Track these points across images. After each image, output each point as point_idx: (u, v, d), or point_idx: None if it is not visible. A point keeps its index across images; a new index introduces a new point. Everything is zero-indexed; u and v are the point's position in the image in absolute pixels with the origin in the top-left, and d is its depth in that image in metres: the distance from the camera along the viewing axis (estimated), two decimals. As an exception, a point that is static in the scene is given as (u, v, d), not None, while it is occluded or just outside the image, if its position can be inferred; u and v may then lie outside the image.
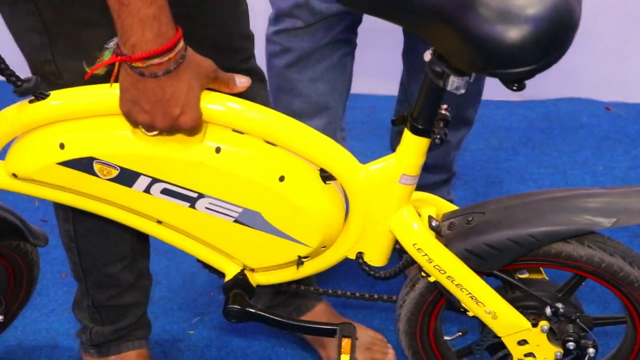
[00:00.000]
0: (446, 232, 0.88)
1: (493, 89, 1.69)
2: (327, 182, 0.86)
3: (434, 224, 0.88)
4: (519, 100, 1.93)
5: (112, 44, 0.72)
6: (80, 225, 1.00)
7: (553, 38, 0.70)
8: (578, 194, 0.88)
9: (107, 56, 0.72)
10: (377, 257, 0.91)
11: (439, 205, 0.93)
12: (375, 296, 1.00)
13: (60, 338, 1.24)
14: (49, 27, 0.81)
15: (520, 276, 0.95)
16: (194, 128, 0.76)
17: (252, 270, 0.94)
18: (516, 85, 0.75)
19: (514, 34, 0.69)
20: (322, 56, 1.23)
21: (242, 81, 0.80)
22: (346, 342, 0.95)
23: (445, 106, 0.83)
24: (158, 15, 0.67)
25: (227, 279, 0.94)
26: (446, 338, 1.00)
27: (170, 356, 1.22)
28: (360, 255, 0.91)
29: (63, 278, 1.35)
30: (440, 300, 0.95)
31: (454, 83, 0.76)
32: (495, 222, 0.86)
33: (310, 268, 0.93)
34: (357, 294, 1.00)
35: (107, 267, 1.04)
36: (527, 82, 0.74)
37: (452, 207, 0.93)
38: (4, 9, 0.83)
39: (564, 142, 1.80)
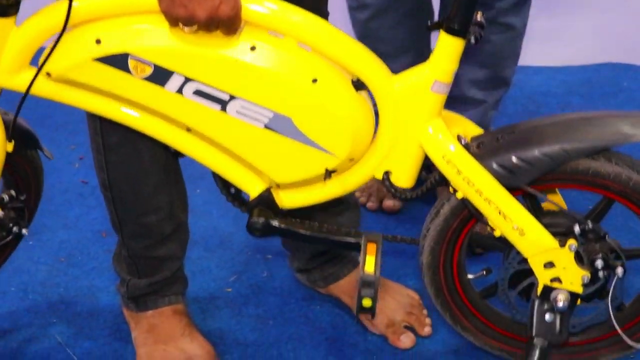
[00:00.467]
0: (475, 150, 0.89)
1: (532, 54, 1.72)
2: (358, 91, 0.87)
3: (463, 142, 0.88)
4: (557, 66, 1.90)
5: None
6: (114, 173, 1.01)
7: None
8: (608, 114, 0.91)
9: None
10: (404, 176, 0.91)
11: (467, 128, 0.94)
12: (399, 237, 0.99)
13: (101, 295, 1.25)
14: None
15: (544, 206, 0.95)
16: (232, 19, 0.77)
17: (278, 186, 0.92)
18: None
19: None
20: (399, 5, 1.27)
21: None
22: (371, 246, 0.93)
23: (480, 13, 0.84)
24: None
25: (251, 198, 0.93)
26: (470, 276, 0.99)
27: (208, 312, 1.22)
28: (387, 175, 0.91)
29: (103, 237, 1.36)
30: (464, 227, 0.94)
31: None
32: (525, 138, 0.87)
33: (337, 187, 0.92)
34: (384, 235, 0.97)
35: (142, 217, 1.04)
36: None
37: (480, 131, 0.94)
38: None
39: (604, 107, 1.77)
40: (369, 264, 0.90)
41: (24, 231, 1.01)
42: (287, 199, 0.94)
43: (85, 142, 1.09)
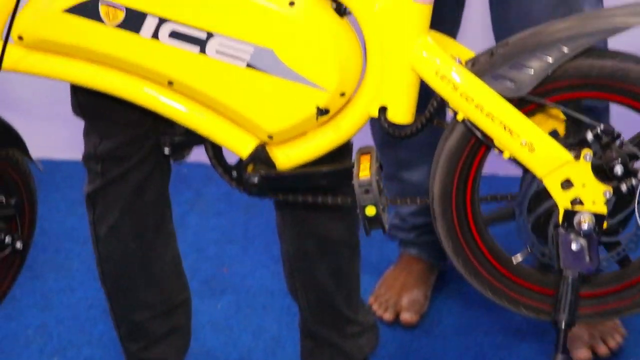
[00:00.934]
0: (470, 68, 0.84)
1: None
2: (343, 15, 0.84)
3: (456, 61, 0.84)
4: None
5: None
6: (105, 266, 1.05)
7: None
8: (603, 9, 0.92)
9: None
10: (401, 108, 0.85)
11: (461, 51, 0.89)
12: None
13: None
14: None
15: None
16: None
17: (271, 138, 0.87)
18: None
19: None
20: None
21: None
22: (365, 156, 0.88)
23: None
24: None
25: (242, 153, 0.89)
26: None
27: None
28: (383, 111, 0.85)
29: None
30: (474, 158, 0.87)
31: None
32: (520, 46, 0.83)
33: (332, 133, 0.87)
34: None
35: (134, 314, 1.06)
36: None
37: (472, 54, 0.88)
38: None
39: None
40: (364, 169, 0.86)
41: (18, 244, 0.96)
42: (283, 157, 0.89)
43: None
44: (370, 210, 0.86)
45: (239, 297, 1.42)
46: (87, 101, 0.94)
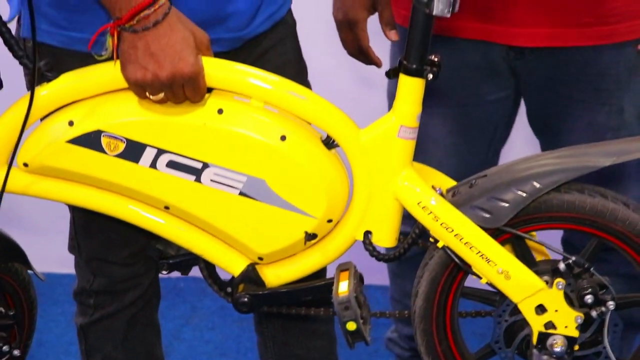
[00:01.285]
0: (450, 198, 0.90)
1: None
2: (331, 147, 0.89)
3: (437, 191, 0.89)
4: None
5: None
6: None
7: None
8: (578, 147, 0.93)
9: (108, 38, 0.81)
10: (385, 234, 0.91)
11: (442, 180, 0.95)
12: (387, 313, 1.06)
13: None
14: None
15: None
16: (194, 76, 0.80)
17: (261, 259, 0.92)
18: None
19: None
20: None
21: None
22: (344, 273, 0.93)
23: (434, 55, 0.86)
24: None
25: (234, 272, 0.94)
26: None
27: None
28: (368, 235, 0.90)
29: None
30: (454, 281, 0.93)
31: (439, 5, 0.80)
32: (498, 178, 0.89)
33: (319, 256, 0.92)
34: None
35: None
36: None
37: (453, 183, 0.94)
38: None
39: None
40: (342, 287, 0.91)
41: (16, 352, 1.00)
42: (272, 276, 0.94)
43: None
44: (351, 326, 0.89)
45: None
46: (83, 221, 0.99)
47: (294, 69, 1.00)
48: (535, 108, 1.17)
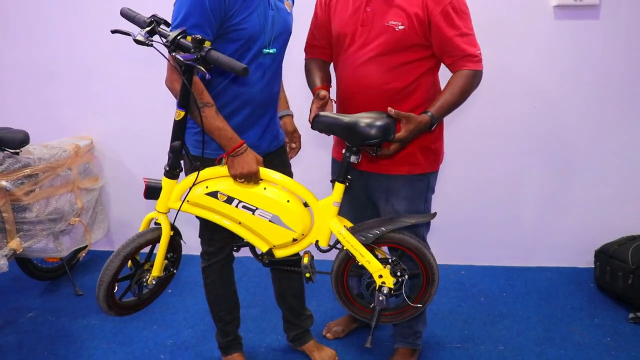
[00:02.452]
0: (350, 231, 1.90)
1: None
2: (306, 207, 1.90)
3: (345, 228, 1.91)
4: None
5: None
6: (210, 295, 2.23)
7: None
8: (401, 216, 1.95)
9: (222, 159, 1.88)
10: (324, 242, 1.93)
11: (347, 223, 1.95)
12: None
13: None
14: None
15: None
16: (254, 174, 1.83)
17: (273, 247, 1.94)
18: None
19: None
20: None
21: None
22: (306, 254, 1.94)
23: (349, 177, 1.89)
24: (231, 136, 1.81)
25: (263, 251, 1.94)
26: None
27: None
28: (317, 242, 1.92)
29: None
30: (347, 263, 1.96)
31: (354, 159, 1.84)
32: (369, 225, 1.91)
33: (297, 247, 1.94)
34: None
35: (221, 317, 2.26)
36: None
37: (351, 224, 1.94)
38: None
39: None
40: (304, 260, 1.93)
41: (174, 271, 2.03)
42: (278, 253, 1.96)
43: None
44: (307, 275, 1.92)
45: None
46: (205, 225, 2.09)
47: (285, 160, 2.14)
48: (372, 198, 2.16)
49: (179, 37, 1.60)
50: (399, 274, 1.90)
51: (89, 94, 3.25)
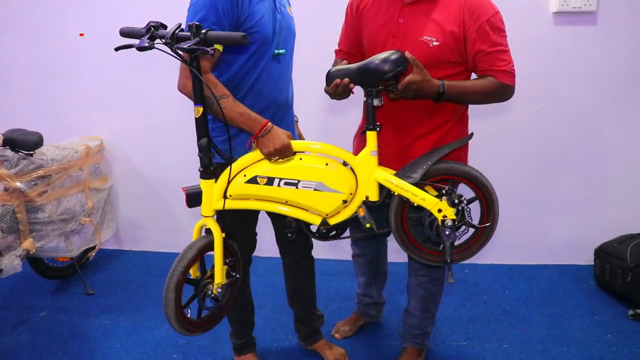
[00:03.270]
0: (397, 174, 1.84)
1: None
2: (345, 166, 1.85)
3: (392, 174, 1.85)
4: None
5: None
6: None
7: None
8: (438, 148, 1.92)
9: (253, 143, 1.82)
10: (373, 195, 1.85)
11: (391, 171, 1.86)
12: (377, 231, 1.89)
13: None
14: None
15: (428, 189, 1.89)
16: (290, 148, 1.79)
17: (327, 215, 1.87)
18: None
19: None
20: None
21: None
22: (361, 208, 1.85)
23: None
24: (255, 117, 1.80)
25: (317, 224, 1.88)
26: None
27: None
28: (367, 197, 1.85)
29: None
30: (404, 208, 1.87)
31: (374, 100, 1.80)
32: (413, 163, 1.87)
33: (349, 209, 1.87)
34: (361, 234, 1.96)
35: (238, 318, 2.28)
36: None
37: (394, 171, 1.87)
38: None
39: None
40: (361, 212, 1.85)
41: (237, 275, 1.95)
42: (332, 220, 1.89)
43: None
44: (368, 225, 1.82)
45: None
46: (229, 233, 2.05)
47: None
48: None
49: (177, 31, 1.62)
50: (457, 201, 1.83)
51: (98, 94, 3.30)
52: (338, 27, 2.16)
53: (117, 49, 1.63)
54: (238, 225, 1.99)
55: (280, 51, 1.93)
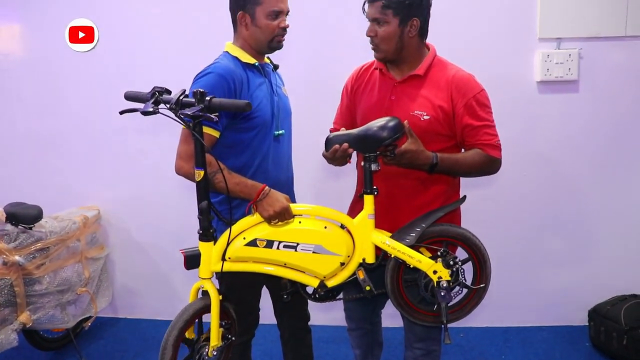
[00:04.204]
0: (393, 237, 1.88)
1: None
2: (343, 229, 1.88)
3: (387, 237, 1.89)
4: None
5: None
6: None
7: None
8: (432, 211, 1.97)
9: (252, 208, 1.84)
10: (370, 257, 1.89)
11: (387, 234, 1.90)
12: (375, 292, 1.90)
13: None
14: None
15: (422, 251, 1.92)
16: (285, 210, 1.81)
17: (324, 277, 1.88)
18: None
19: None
20: None
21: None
22: (360, 271, 1.88)
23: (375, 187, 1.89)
24: (252, 184, 1.85)
25: (314, 286, 1.89)
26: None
27: None
28: (364, 259, 1.88)
29: None
30: (400, 270, 1.91)
31: (372, 165, 1.84)
32: (409, 225, 1.92)
33: (347, 272, 1.89)
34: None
35: None
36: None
37: (389, 234, 1.91)
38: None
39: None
40: (361, 275, 1.90)
41: (232, 338, 1.91)
42: (330, 283, 1.90)
43: None
44: (367, 287, 1.86)
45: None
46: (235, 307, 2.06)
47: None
48: None
49: (181, 97, 1.67)
50: (451, 263, 1.87)
51: (96, 164, 3.36)
52: (332, 105, 2.26)
53: (122, 113, 1.68)
54: (242, 303, 2.01)
55: (280, 132, 2.01)
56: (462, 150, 2.05)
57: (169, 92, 1.74)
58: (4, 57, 3.36)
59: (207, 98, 1.64)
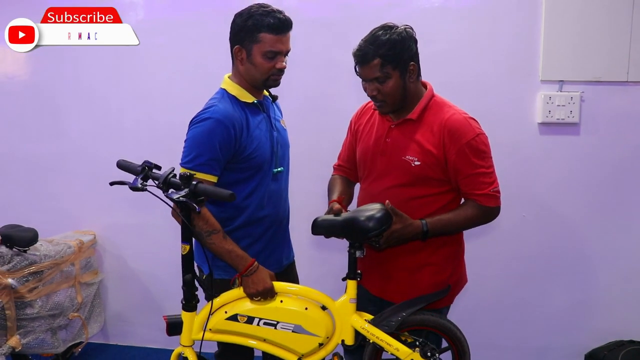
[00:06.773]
0: (372, 322, 1.89)
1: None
2: (324, 310, 1.91)
3: (367, 320, 1.91)
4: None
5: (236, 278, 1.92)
6: None
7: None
8: (416, 298, 1.95)
9: (236, 280, 1.91)
10: (348, 339, 1.92)
11: (367, 317, 1.93)
12: None
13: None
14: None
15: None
16: (268, 290, 1.87)
17: (302, 356, 1.92)
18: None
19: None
20: None
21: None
22: (335, 356, 1.91)
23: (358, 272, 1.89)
24: (242, 255, 1.88)
25: None
26: None
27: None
28: (343, 341, 1.92)
29: None
30: (378, 354, 1.93)
31: (357, 251, 1.86)
32: (390, 313, 1.90)
33: (324, 351, 1.93)
34: None
35: None
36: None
37: (370, 317, 1.91)
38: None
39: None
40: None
41: None
42: None
43: None
44: None
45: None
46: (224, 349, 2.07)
47: (295, 274, 2.19)
48: None
49: (169, 177, 1.73)
50: (429, 354, 1.86)
51: (94, 188, 3.35)
52: (331, 138, 2.26)
53: (111, 184, 1.78)
54: None
55: (279, 169, 2.00)
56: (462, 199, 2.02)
57: (159, 168, 1.82)
58: (8, 79, 3.38)
59: (194, 182, 1.69)
